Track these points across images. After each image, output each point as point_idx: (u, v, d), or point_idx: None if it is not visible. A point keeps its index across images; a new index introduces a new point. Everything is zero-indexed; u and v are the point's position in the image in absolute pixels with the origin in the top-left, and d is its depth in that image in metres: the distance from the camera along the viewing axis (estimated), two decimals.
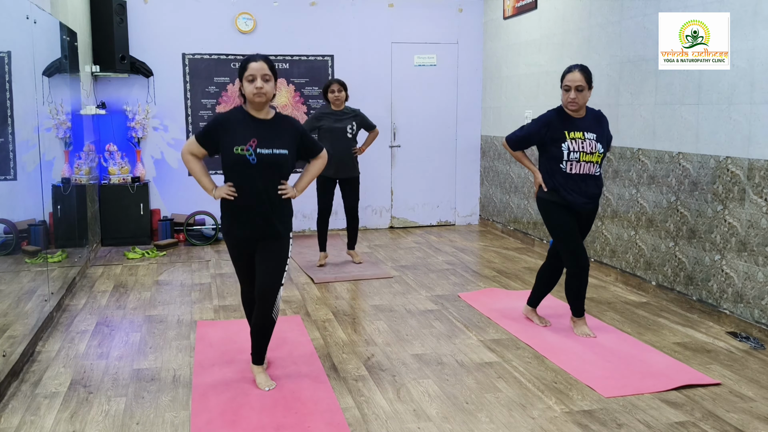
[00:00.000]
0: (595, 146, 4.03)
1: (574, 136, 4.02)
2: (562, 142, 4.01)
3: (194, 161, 3.44)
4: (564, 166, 4.03)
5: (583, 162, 4.01)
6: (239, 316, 4.71)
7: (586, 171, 4.04)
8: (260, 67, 3.27)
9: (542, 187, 4.14)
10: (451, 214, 8.34)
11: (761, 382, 3.57)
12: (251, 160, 3.28)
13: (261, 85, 3.25)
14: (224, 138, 3.32)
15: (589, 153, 4.01)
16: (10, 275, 4.23)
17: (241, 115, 3.37)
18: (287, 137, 3.38)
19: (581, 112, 4.09)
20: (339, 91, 5.91)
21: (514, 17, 7.29)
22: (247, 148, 3.28)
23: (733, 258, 4.37)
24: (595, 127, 4.08)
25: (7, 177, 4.23)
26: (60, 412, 3.25)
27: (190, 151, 3.43)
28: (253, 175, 3.30)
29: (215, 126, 3.37)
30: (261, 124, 3.34)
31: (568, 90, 3.99)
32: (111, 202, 6.99)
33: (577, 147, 4.00)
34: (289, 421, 3.13)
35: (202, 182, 3.45)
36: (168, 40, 7.24)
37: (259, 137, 3.30)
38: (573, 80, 3.98)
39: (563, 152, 4.01)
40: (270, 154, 3.30)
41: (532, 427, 3.10)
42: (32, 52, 4.46)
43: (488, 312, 4.76)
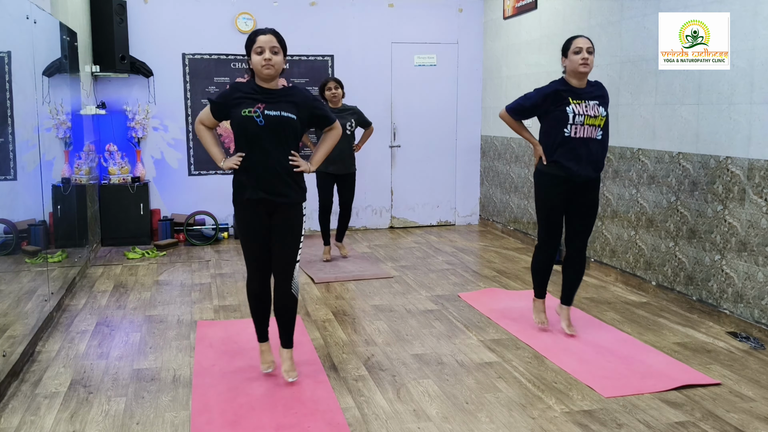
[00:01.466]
0: (598, 110, 4.07)
1: (578, 101, 4.06)
2: (566, 105, 4.05)
3: (205, 130, 3.52)
4: (568, 129, 4.04)
5: (587, 125, 4.05)
6: (239, 316, 4.71)
7: (589, 134, 4.06)
8: (269, 39, 3.29)
9: (542, 160, 4.16)
10: (451, 214, 8.34)
11: (761, 382, 3.57)
12: (259, 121, 3.31)
13: (269, 57, 3.28)
14: (233, 103, 3.36)
15: (592, 116, 4.05)
16: (10, 275, 4.23)
17: (251, 85, 3.41)
18: (296, 104, 3.40)
19: (584, 81, 4.12)
20: (336, 89, 6.03)
21: (514, 17, 7.29)
22: (254, 110, 3.32)
23: (733, 258, 4.37)
24: (597, 94, 4.14)
25: (7, 177, 4.23)
26: (60, 412, 3.25)
27: (201, 120, 3.51)
28: (261, 137, 3.33)
29: (228, 91, 3.44)
30: (270, 92, 3.38)
31: (579, 51, 4.02)
32: (111, 202, 6.99)
33: (581, 111, 4.04)
34: (289, 421, 3.13)
35: (212, 152, 3.50)
36: (168, 40, 7.24)
37: (268, 102, 3.35)
38: (584, 42, 4.04)
39: (568, 115, 4.03)
40: (278, 115, 3.33)
41: (532, 427, 3.10)
42: (32, 52, 4.46)
43: (488, 312, 4.76)
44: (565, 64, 4.12)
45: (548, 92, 4.12)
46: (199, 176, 7.47)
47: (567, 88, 4.10)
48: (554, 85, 4.16)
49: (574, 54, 4.04)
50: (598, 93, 4.15)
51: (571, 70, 4.07)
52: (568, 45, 4.10)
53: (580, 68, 4.03)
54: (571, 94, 4.07)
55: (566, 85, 4.12)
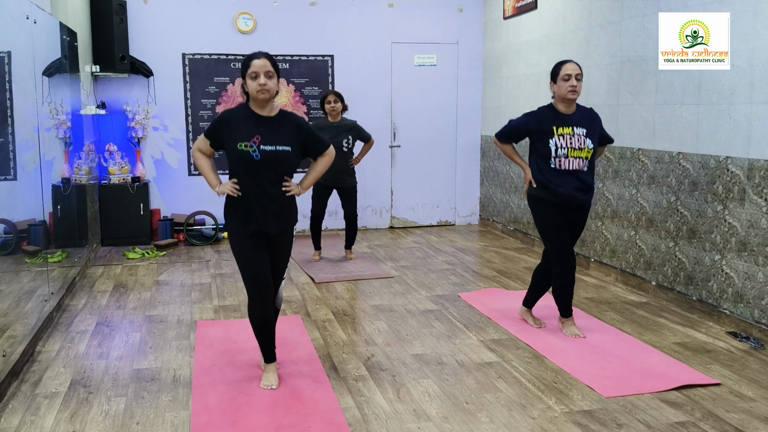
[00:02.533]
0: (584, 142, 4.03)
1: (563, 132, 4.02)
2: (549, 137, 4.02)
3: (202, 158, 3.51)
4: (552, 162, 4.03)
5: (571, 158, 4.01)
6: (239, 316, 4.72)
7: (576, 167, 4.02)
8: (263, 64, 3.29)
9: (532, 184, 4.16)
10: (451, 214, 8.34)
11: (761, 382, 3.57)
12: (255, 156, 3.30)
13: (264, 82, 3.27)
14: (228, 134, 3.35)
15: (577, 149, 4.01)
16: (10, 275, 4.23)
17: (245, 112, 3.39)
18: (291, 134, 3.39)
19: (572, 108, 4.10)
20: (335, 102, 6.02)
21: (514, 17, 7.29)
22: (250, 144, 3.30)
23: (733, 258, 4.37)
24: (586, 123, 4.09)
25: (7, 177, 4.23)
26: (60, 412, 3.25)
27: (198, 148, 3.51)
28: (256, 172, 3.33)
29: (220, 123, 3.41)
30: (265, 121, 3.36)
31: (568, 79, 3.99)
32: (111, 202, 6.99)
33: (565, 143, 4.00)
34: (289, 421, 3.13)
35: (208, 178, 3.49)
36: (168, 40, 7.24)
37: (263, 134, 3.33)
38: (573, 69, 4.01)
39: (551, 149, 4.02)
40: (273, 150, 3.32)
41: (532, 427, 3.10)
42: (32, 52, 4.46)
43: (488, 312, 4.76)
44: (553, 90, 4.10)
45: (533, 116, 4.13)
46: (199, 176, 7.46)
47: (554, 114, 4.08)
48: (540, 111, 4.15)
49: (563, 81, 4.01)
50: (587, 121, 4.10)
51: (560, 96, 4.06)
52: (557, 71, 4.07)
53: (568, 95, 4.01)
54: (556, 122, 4.04)
55: (553, 112, 4.09)
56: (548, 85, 4.18)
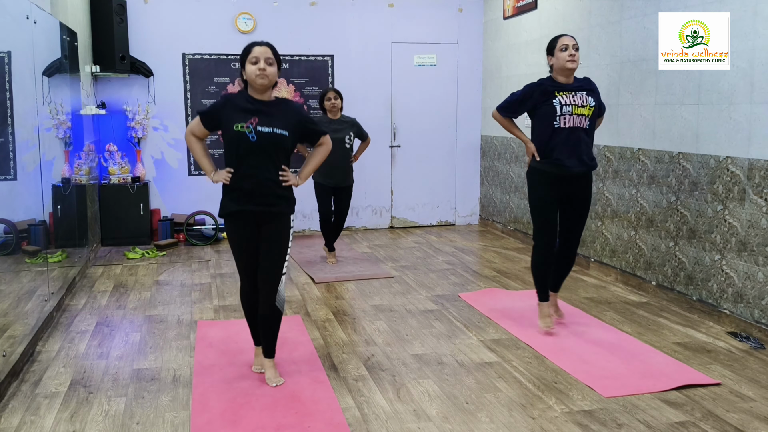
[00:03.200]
0: (586, 99, 4.11)
1: (564, 93, 4.10)
2: (552, 98, 4.09)
3: (195, 142, 3.50)
4: (557, 121, 4.08)
5: (575, 115, 4.08)
6: (239, 316, 4.71)
7: (578, 124, 4.09)
8: (264, 50, 3.31)
9: (534, 157, 4.19)
10: (451, 214, 8.34)
11: (761, 382, 3.57)
12: (251, 137, 3.30)
13: (264, 67, 3.28)
14: (225, 115, 3.36)
15: (580, 106, 4.08)
16: (10, 275, 4.23)
17: (244, 97, 3.40)
18: (288, 119, 3.40)
19: (570, 78, 4.17)
20: (335, 99, 5.98)
21: (514, 17, 7.29)
22: (247, 125, 3.31)
23: (733, 258, 4.37)
24: (585, 87, 4.17)
25: (7, 177, 4.23)
26: (60, 412, 3.25)
27: (192, 131, 3.50)
28: (252, 153, 3.33)
29: (219, 104, 3.44)
30: (263, 105, 3.38)
31: (566, 49, 4.07)
32: (111, 202, 6.99)
33: (568, 101, 4.07)
34: (289, 421, 3.13)
35: (202, 163, 3.49)
36: (168, 40, 7.24)
37: (260, 117, 3.34)
38: (569, 40, 4.10)
39: (555, 107, 4.07)
40: (270, 132, 3.32)
41: (532, 427, 3.10)
42: (32, 52, 4.46)
43: (488, 312, 4.76)
44: (551, 63, 4.18)
45: (535, 86, 4.20)
46: (199, 176, 7.47)
47: (554, 83, 4.16)
48: (541, 81, 4.22)
49: (561, 51, 4.09)
50: (586, 85, 4.20)
51: (559, 67, 4.12)
52: (553, 44, 4.16)
53: (567, 64, 4.07)
54: (557, 87, 4.13)
55: (553, 82, 4.17)
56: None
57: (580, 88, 4.15)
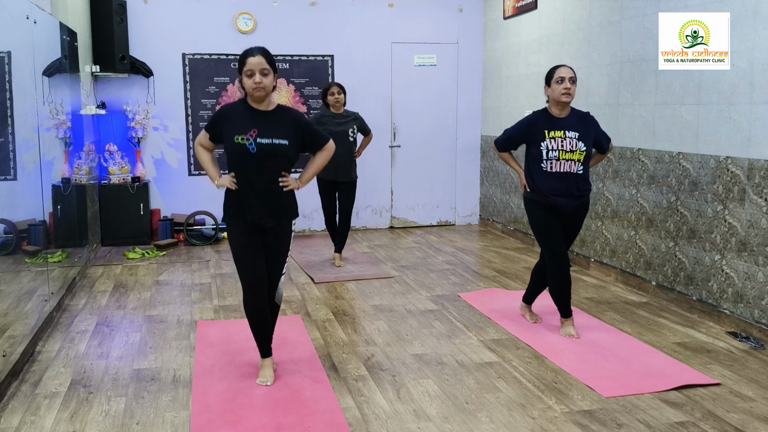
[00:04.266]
0: (575, 144, 4.05)
1: (554, 135, 4.06)
2: (541, 141, 4.07)
3: (203, 152, 3.59)
4: (544, 165, 4.07)
5: (563, 160, 4.04)
6: (239, 316, 4.71)
7: (567, 169, 4.05)
8: (258, 61, 3.31)
9: (526, 188, 4.22)
10: (451, 214, 8.34)
11: (761, 382, 3.57)
12: (251, 149, 3.33)
13: (260, 80, 3.30)
14: (226, 128, 3.39)
15: (569, 151, 4.04)
16: (10, 275, 4.23)
17: (243, 106, 3.43)
18: (288, 128, 3.42)
19: (566, 111, 4.13)
20: (339, 93, 5.94)
21: (514, 17, 7.29)
22: (247, 137, 3.33)
23: (733, 258, 4.37)
24: (578, 126, 4.11)
25: (7, 177, 4.23)
26: (60, 412, 3.25)
27: (200, 142, 3.59)
28: (253, 164, 3.36)
29: (218, 117, 3.48)
30: (262, 115, 3.40)
31: (562, 81, 4.04)
32: (111, 202, 6.99)
33: (556, 146, 4.04)
34: (289, 421, 3.13)
35: (209, 171, 3.56)
36: (168, 40, 7.24)
37: (260, 128, 3.36)
38: (566, 72, 4.06)
39: (542, 151, 4.06)
40: (269, 143, 3.34)
41: (532, 427, 3.10)
42: (32, 52, 4.46)
43: (488, 312, 4.76)
44: (548, 94, 4.15)
45: (527, 122, 4.19)
46: (199, 176, 7.47)
47: (547, 118, 4.12)
48: (534, 116, 4.20)
49: (557, 83, 4.06)
50: (580, 124, 4.11)
51: (554, 99, 4.10)
52: (551, 74, 4.11)
53: (562, 98, 4.05)
54: (549, 125, 4.08)
55: (546, 116, 4.14)
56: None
57: (572, 126, 4.07)
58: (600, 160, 4.41)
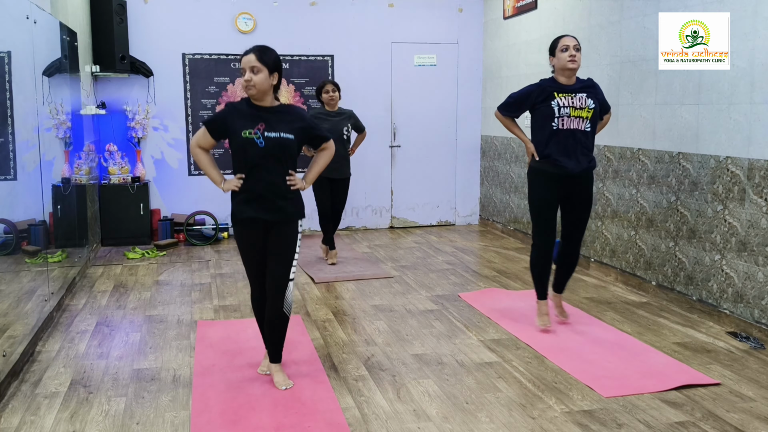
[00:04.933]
0: (585, 101, 4.11)
1: (564, 95, 4.12)
2: (551, 99, 4.11)
3: (202, 154, 3.50)
4: (555, 123, 4.10)
5: (573, 117, 4.09)
6: (239, 316, 4.72)
7: (577, 126, 4.10)
8: (248, 59, 3.31)
9: (534, 157, 4.21)
10: (451, 214, 8.34)
11: (761, 382, 3.57)
12: (259, 143, 3.33)
13: (249, 78, 3.29)
14: (232, 123, 3.38)
15: (579, 108, 4.10)
16: (10, 275, 4.23)
17: (247, 104, 3.43)
18: (293, 124, 3.42)
19: (572, 79, 4.18)
20: (333, 91, 5.99)
21: (514, 17, 7.29)
22: (254, 131, 3.33)
23: (733, 258, 4.37)
24: (586, 89, 4.18)
25: (7, 177, 4.23)
26: (60, 412, 3.25)
27: (197, 143, 3.49)
28: (261, 158, 3.35)
29: (224, 112, 3.46)
30: (267, 111, 3.40)
31: (566, 49, 4.09)
32: (111, 202, 6.99)
33: (566, 102, 4.09)
34: (289, 421, 3.13)
35: (211, 175, 3.50)
36: (168, 40, 7.24)
37: (267, 122, 3.36)
38: (570, 41, 4.12)
39: (554, 108, 4.10)
40: (277, 137, 3.35)
41: (532, 427, 3.10)
42: (32, 52, 4.45)
43: (488, 312, 4.76)
44: (553, 63, 4.21)
45: (534, 86, 4.24)
46: (199, 176, 7.47)
47: (554, 83, 4.18)
48: (542, 81, 4.25)
49: (562, 52, 4.12)
50: (587, 87, 4.20)
51: (560, 68, 4.15)
52: (555, 44, 4.18)
53: (568, 64, 4.10)
54: (557, 89, 4.14)
55: (554, 82, 4.19)
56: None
57: (581, 89, 4.16)
58: (602, 128, 4.43)
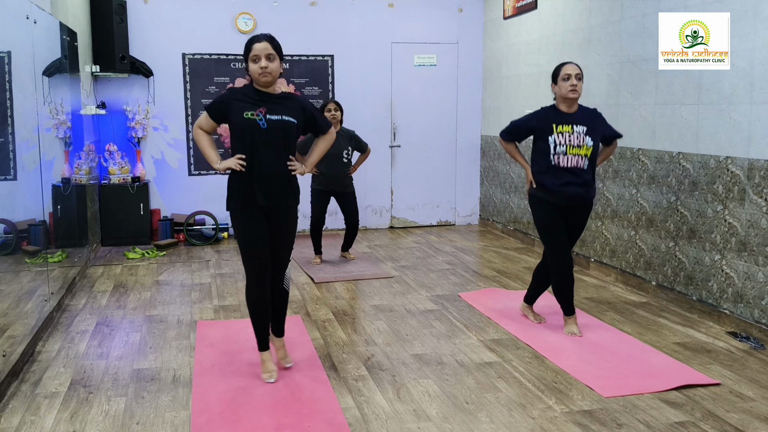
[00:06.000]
0: (583, 139, 4.07)
1: (562, 130, 4.08)
2: (549, 134, 4.09)
3: (203, 134, 3.56)
4: (552, 159, 4.08)
5: (570, 155, 4.06)
6: (239, 316, 4.72)
7: (574, 164, 4.07)
8: (264, 47, 3.35)
9: (532, 184, 4.21)
10: (451, 214, 8.34)
11: (761, 382, 3.57)
12: (261, 124, 3.36)
13: (265, 65, 3.33)
14: (234, 105, 3.41)
15: (576, 146, 4.06)
16: (10, 275, 4.23)
17: (251, 89, 3.46)
18: (296, 110, 3.47)
19: (574, 107, 4.14)
20: (335, 110, 5.96)
21: (514, 17, 7.29)
22: (257, 113, 3.37)
23: (733, 258, 4.37)
24: (586, 121, 4.13)
25: (7, 177, 4.23)
26: (60, 412, 3.25)
27: (200, 125, 3.56)
28: (262, 140, 3.38)
29: (226, 95, 3.49)
30: (269, 96, 3.45)
31: (568, 78, 4.07)
32: (111, 202, 6.99)
33: (563, 140, 4.06)
34: (289, 421, 3.13)
35: (208, 154, 3.53)
36: (168, 40, 7.24)
37: (269, 106, 3.40)
38: (572, 69, 4.08)
39: (550, 145, 4.08)
40: (279, 120, 3.39)
41: (532, 427, 3.10)
42: (32, 52, 4.45)
43: (488, 312, 4.76)
44: (554, 91, 4.18)
45: (536, 114, 4.22)
46: (199, 176, 7.47)
47: (555, 113, 4.14)
48: (542, 110, 4.23)
49: (563, 80, 4.09)
50: (588, 119, 4.13)
51: (561, 96, 4.13)
52: (557, 72, 4.15)
53: (569, 94, 4.07)
54: (557, 120, 4.10)
55: (555, 111, 4.16)
56: (548, 85, 4.22)
57: (580, 120, 4.09)
58: (607, 156, 4.39)
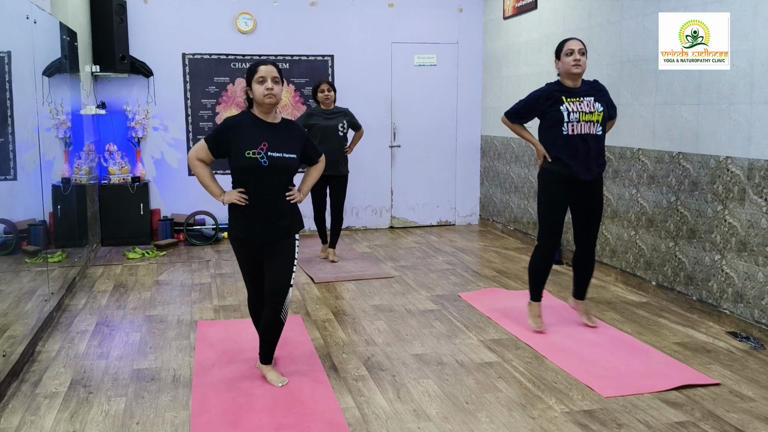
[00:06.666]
0: (593, 105, 4.12)
1: (572, 100, 4.11)
2: (560, 105, 4.11)
3: (201, 167, 3.45)
4: (565, 128, 4.10)
5: (583, 122, 4.10)
6: (239, 316, 4.72)
7: (587, 131, 4.10)
8: (270, 69, 3.34)
9: (546, 158, 4.21)
10: (451, 214, 8.34)
11: (761, 382, 3.57)
12: (263, 163, 3.33)
13: (271, 86, 3.31)
14: (235, 142, 3.36)
15: (588, 112, 4.10)
16: (10, 275, 4.23)
17: (251, 119, 3.41)
18: (295, 142, 3.45)
19: (578, 82, 4.18)
20: (329, 91, 6.06)
21: (514, 17, 7.29)
22: (258, 151, 3.33)
23: (733, 258, 4.36)
24: (593, 92, 4.18)
25: (7, 177, 4.23)
26: (60, 412, 3.25)
27: (197, 156, 3.43)
28: (263, 178, 3.36)
29: (226, 130, 3.40)
30: (270, 128, 3.40)
31: (571, 53, 4.09)
32: (111, 202, 6.99)
33: (575, 108, 4.09)
34: (289, 421, 3.13)
35: (210, 188, 3.45)
36: (168, 40, 7.24)
37: (270, 141, 3.36)
38: (575, 44, 4.11)
39: (563, 114, 4.09)
40: (280, 157, 3.36)
41: (532, 427, 3.10)
42: (32, 52, 4.45)
43: (488, 312, 4.76)
44: (558, 67, 4.21)
45: (542, 92, 4.22)
46: None
47: (561, 87, 4.18)
48: (548, 86, 4.24)
49: (566, 56, 4.12)
50: (595, 89, 4.20)
51: (564, 72, 4.16)
52: (560, 48, 4.17)
53: (572, 69, 4.09)
54: (565, 93, 4.14)
55: (560, 86, 4.19)
56: (548, 79, 4.22)
57: (587, 92, 4.15)
58: (610, 127, 4.43)
